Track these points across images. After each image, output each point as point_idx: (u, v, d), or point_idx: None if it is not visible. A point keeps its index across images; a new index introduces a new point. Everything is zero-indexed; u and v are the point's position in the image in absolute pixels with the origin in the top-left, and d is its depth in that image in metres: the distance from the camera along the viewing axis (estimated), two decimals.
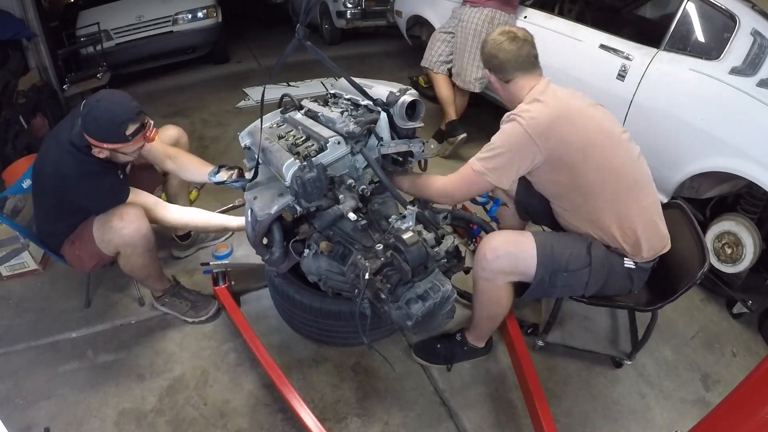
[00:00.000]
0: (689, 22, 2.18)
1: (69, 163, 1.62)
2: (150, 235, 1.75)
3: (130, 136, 1.57)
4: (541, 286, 1.48)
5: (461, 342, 1.79)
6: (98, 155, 1.62)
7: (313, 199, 1.41)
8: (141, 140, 1.63)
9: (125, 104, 1.58)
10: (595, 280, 1.48)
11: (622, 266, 1.50)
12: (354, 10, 5.70)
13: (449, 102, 3.23)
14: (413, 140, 1.62)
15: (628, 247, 1.47)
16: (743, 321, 2.05)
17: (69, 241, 1.82)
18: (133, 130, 1.58)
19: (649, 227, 1.47)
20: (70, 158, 1.62)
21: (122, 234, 1.68)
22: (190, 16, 5.14)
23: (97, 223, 1.72)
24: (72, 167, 1.62)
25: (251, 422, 1.64)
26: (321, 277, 1.58)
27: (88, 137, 1.57)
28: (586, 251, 1.47)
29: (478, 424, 1.63)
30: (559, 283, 1.47)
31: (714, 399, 1.72)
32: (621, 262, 1.50)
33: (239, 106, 4.32)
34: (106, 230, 1.69)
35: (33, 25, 4.05)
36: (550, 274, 1.46)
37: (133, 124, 1.57)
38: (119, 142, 1.58)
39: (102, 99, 1.57)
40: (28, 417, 1.66)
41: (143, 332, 1.99)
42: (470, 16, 2.96)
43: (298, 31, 1.33)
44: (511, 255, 1.47)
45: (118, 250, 1.74)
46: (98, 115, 1.55)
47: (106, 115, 1.55)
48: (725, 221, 2.00)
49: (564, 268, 1.46)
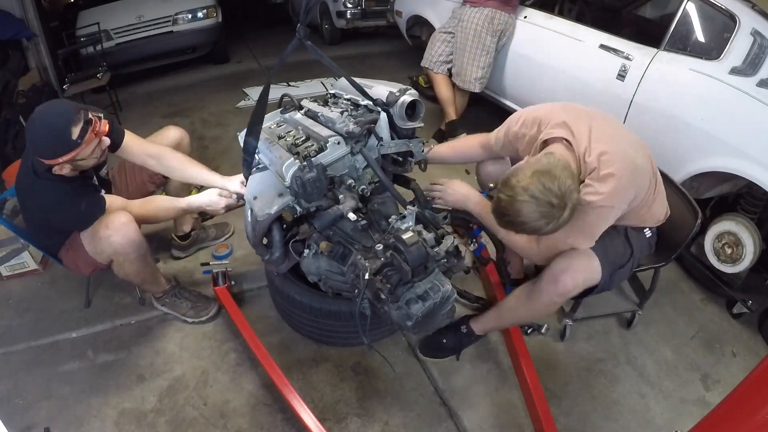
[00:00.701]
0: (689, 22, 2.18)
1: (41, 194, 1.60)
2: (140, 242, 1.72)
3: (78, 139, 1.48)
4: (602, 287, 1.56)
5: (467, 334, 1.82)
6: (61, 172, 1.54)
7: (313, 199, 1.41)
8: (92, 137, 1.52)
9: (60, 110, 1.51)
10: (637, 261, 1.64)
11: (645, 238, 1.65)
12: (354, 10, 5.70)
13: (449, 102, 3.23)
14: (413, 140, 1.62)
15: (652, 222, 1.63)
16: (743, 321, 2.04)
17: (65, 248, 1.82)
18: (78, 132, 1.48)
19: (661, 199, 1.62)
20: (40, 188, 1.59)
21: (111, 243, 1.66)
22: (190, 16, 5.14)
23: (86, 237, 1.71)
24: (45, 197, 1.60)
25: (251, 422, 1.64)
26: (321, 277, 1.58)
27: (42, 160, 1.51)
28: (626, 241, 1.61)
29: (478, 424, 1.63)
30: (616, 277, 1.58)
31: (714, 399, 1.72)
32: (644, 235, 1.65)
33: (239, 106, 4.31)
34: (97, 242, 1.68)
35: (33, 25, 4.05)
36: (610, 272, 1.54)
37: (75, 126, 1.48)
38: (71, 150, 1.49)
39: (36, 118, 1.50)
40: (28, 417, 1.66)
41: (143, 332, 1.99)
42: (470, 16, 2.96)
43: (299, 31, 1.33)
44: (587, 280, 1.51)
45: (111, 259, 1.74)
46: (39, 134, 1.49)
47: (46, 130, 1.49)
48: (725, 221, 2.00)
49: (620, 264, 1.58)
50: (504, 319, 1.74)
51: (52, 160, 1.51)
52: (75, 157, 1.52)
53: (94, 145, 1.57)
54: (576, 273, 1.49)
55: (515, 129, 1.63)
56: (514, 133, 1.64)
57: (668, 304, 2.12)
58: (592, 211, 1.38)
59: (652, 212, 1.60)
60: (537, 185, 1.25)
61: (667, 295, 2.16)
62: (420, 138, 1.65)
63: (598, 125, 1.44)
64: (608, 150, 1.37)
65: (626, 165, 1.37)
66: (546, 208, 1.26)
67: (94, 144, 1.56)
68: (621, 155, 1.38)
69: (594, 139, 1.40)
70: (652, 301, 2.10)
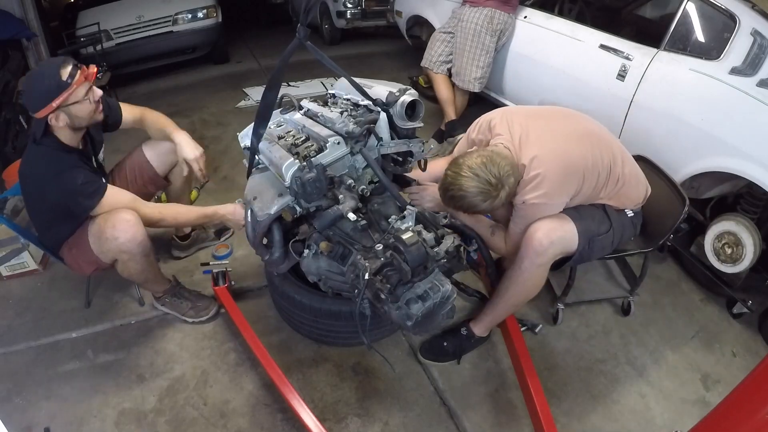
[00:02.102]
0: (689, 22, 2.18)
1: (39, 163, 1.62)
2: (146, 242, 1.72)
3: (68, 79, 1.51)
4: (581, 255, 1.63)
5: (468, 336, 1.82)
6: (58, 123, 1.57)
7: (312, 199, 1.41)
8: (82, 79, 1.55)
9: (48, 61, 1.64)
10: (618, 236, 1.68)
11: (627, 217, 1.71)
12: (354, 10, 5.70)
13: (449, 102, 3.23)
14: (413, 140, 1.62)
15: (628, 202, 1.70)
16: (743, 321, 2.04)
17: (67, 246, 1.82)
18: (68, 73, 1.52)
19: (635, 183, 1.69)
20: (39, 157, 1.62)
21: (117, 243, 1.66)
22: (190, 16, 5.13)
23: (92, 236, 1.70)
24: (43, 166, 1.60)
25: (251, 422, 1.64)
26: (321, 278, 1.58)
27: (38, 112, 1.53)
28: (604, 214, 1.66)
29: (478, 424, 1.63)
30: (595, 246, 1.64)
31: (714, 399, 1.72)
32: (625, 214, 1.71)
33: (239, 106, 4.32)
34: (102, 242, 1.67)
35: (33, 25, 4.04)
36: (588, 242, 1.61)
37: (63, 69, 1.52)
38: (62, 91, 1.51)
39: (29, 74, 1.61)
40: (28, 417, 1.66)
41: (143, 332, 1.99)
42: (470, 16, 2.96)
43: (299, 32, 1.33)
44: (561, 238, 1.57)
45: (116, 258, 1.73)
46: (31, 84, 1.57)
47: (36, 78, 1.56)
48: (725, 221, 2.00)
49: (597, 232, 1.63)
50: (498, 306, 1.74)
51: (47, 108, 1.52)
52: (67, 100, 1.53)
53: (85, 90, 1.58)
54: (549, 231, 1.56)
55: (473, 136, 1.77)
56: (471, 140, 1.78)
57: (668, 304, 2.12)
58: (530, 206, 1.56)
59: (625, 195, 1.67)
60: (480, 165, 1.45)
61: (667, 295, 2.17)
62: (420, 138, 1.65)
63: (539, 128, 1.60)
64: (538, 153, 1.52)
65: (556, 164, 1.52)
66: (485, 186, 1.45)
67: (84, 88, 1.57)
68: (552, 155, 1.53)
69: (530, 143, 1.55)
70: (652, 301, 2.11)
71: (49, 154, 1.61)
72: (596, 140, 1.62)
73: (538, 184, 1.52)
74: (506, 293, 1.70)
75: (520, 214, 1.60)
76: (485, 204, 1.49)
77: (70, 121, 1.59)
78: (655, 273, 2.25)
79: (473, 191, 1.46)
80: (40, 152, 1.62)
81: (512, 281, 1.66)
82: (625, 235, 1.72)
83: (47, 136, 1.61)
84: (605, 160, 1.59)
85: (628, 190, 1.67)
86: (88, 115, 1.64)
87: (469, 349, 1.84)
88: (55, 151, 1.62)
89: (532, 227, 1.58)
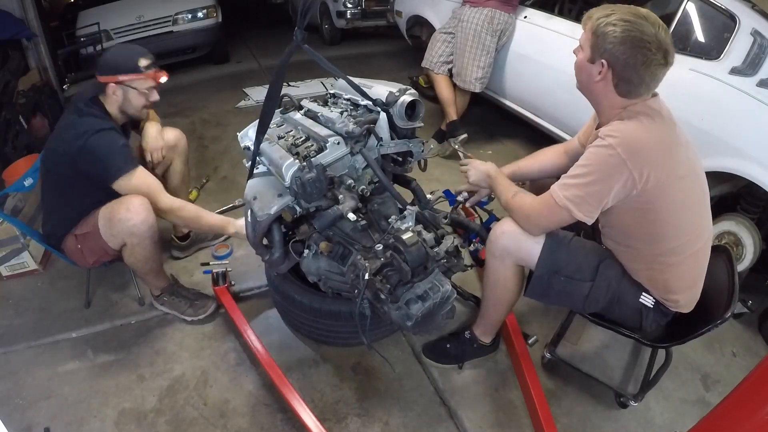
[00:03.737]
0: (689, 22, 2.18)
1: (83, 123, 1.69)
2: (155, 227, 1.77)
3: (144, 68, 1.70)
4: (540, 284, 1.45)
5: (470, 339, 1.79)
6: (112, 95, 1.71)
7: (312, 199, 1.41)
8: (151, 76, 1.72)
9: (140, 48, 1.77)
10: (595, 299, 1.42)
11: (636, 299, 1.40)
12: (354, 10, 5.70)
13: (450, 102, 3.23)
14: (413, 140, 1.62)
15: (654, 289, 1.39)
16: (743, 321, 2.04)
17: (72, 234, 1.83)
18: (145, 64, 1.71)
19: (688, 285, 1.38)
20: (83, 120, 1.70)
21: (129, 225, 1.70)
22: (190, 16, 5.14)
23: (103, 218, 1.73)
24: (87, 125, 1.68)
25: (251, 422, 1.64)
26: (321, 278, 1.58)
27: (103, 77, 1.68)
28: (595, 266, 1.41)
29: (478, 424, 1.63)
30: (555, 286, 1.43)
31: (714, 399, 1.72)
32: (636, 295, 1.40)
33: (239, 106, 4.32)
34: (114, 223, 1.70)
35: (33, 25, 4.05)
36: (548, 273, 1.42)
37: (144, 59, 1.71)
38: (132, 73, 1.69)
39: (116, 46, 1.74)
40: (28, 417, 1.66)
41: (143, 332, 1.99)
42: (470, 16, 2.96)
43: (296, 35, 1.33)
44: (514, 235, 1.45)
45: (125, 242, 1.75)
46: (113, 52, 1.75)
47: (123, 50, 1.75)
48: (725, 221, 2.00)
49: (562, 272, 1.41)
50: (484, 309, 1.71)
51: (113, 77, 1.69)
52: (131, 82, 1.70)
53: (148, 86, 1.76)
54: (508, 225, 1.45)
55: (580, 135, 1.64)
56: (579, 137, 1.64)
57: None
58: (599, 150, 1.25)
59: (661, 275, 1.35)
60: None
61: None
62: (420, 138, 1.65)
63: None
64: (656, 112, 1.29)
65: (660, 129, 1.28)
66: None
67: (149, 83, 1.75)
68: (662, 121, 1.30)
69: None
70: None
71: (97, 117, 1.71)
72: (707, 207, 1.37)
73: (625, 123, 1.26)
74: (484, 296, 1.69)
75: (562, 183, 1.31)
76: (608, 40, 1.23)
77: (122, 100, 1.73)
78: None
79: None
80: (85, 115, 1.70)
81: (485, 284, 1.64)
82: (616, 312, 1.45)
83: (94, 104, 1.74)
84: (706, 230, 1.34)
85: (669, 278, 1.35)
86: (138, 107, 1.78)
87: (470, 354, 1.80)
88: (103, 116, 1.72)
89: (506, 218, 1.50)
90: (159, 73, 1.78)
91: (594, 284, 1.40)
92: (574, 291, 1.43)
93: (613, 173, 1.22)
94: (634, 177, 1.21)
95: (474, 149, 3.35)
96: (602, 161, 1.23)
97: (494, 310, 1.68)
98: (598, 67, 1.28)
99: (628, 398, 1.61)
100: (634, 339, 1.48)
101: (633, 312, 1.43)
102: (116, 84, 1.69)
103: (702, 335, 1.36)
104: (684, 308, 1.41)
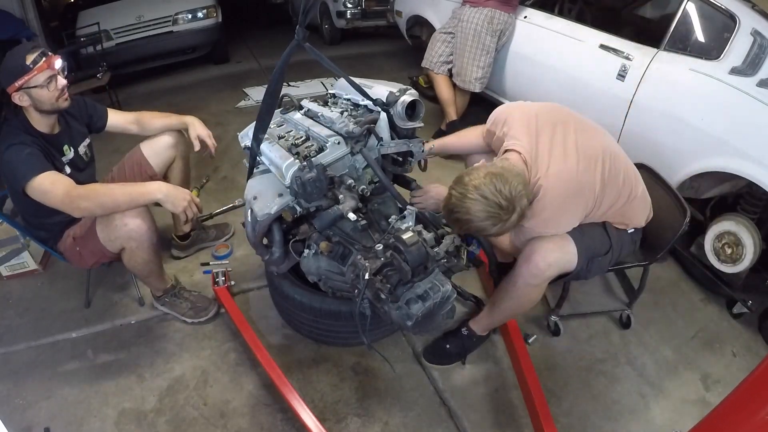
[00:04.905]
0: (689, 22, 2.18)
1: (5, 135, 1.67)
2: (154, 230, 1.76)
3: (31, 64, 1.63)
4: (579, 274, 1.60)
5: (469, 335, 1.81)
6: (20, 102, 1.66)
7: (313, 199, 1.41)
8: (44, 66, 1.65)
9: (23, 45, 1.71)
10: (617, 254, 1.65)
11: (627, 234, 1.67)
12: (354, 10, 5.70)
13: (450, 102, 3.23)
14: (413, 140, 1.62)
15: (630, 221, 1.65)
16: (743, 321, 2.04)
17: (69, 237, 1.82)
18: (32, 59, 1.63)
19: (643, 206, 1.66)
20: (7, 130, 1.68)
21: (127, 229, 1.69)
22: (190, 16, 5.13)
23: (100, 223, 1.72)
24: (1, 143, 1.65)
25: (251, 422, 1.64)
26: (321, 277, 1.58)
27: (8, 87, 1.64)
28: (605, 233, 1.62)
29: (478, 424, 1.63)
30: (594, 266, 1.61)
31: (714, 399, 1.72)
32: (625, 231, 1.67)
33: (239, 106, 4.32)
34: (112, 229, 1.69)
35: (33, 25, 4.05)
36: (587, 262, 1.58)
37: (30, 54, 1.64)
38: (24, 74, 1.62)
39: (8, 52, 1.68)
40: (28, 417, 1.67)
41: (143, 332, 1.99)
42: (470, 16, 2.96)
43: (297, 33, 1.33)
44: (559, 260, 1.53)
45: (123, 246, 1.74)
46: (5, 61, 1.67)
47: (9, 57, 1.67)
48: (725, 221, 2.00)
49: (597, 253, 1.60)
50: (494, 313, 1.74)
51: (11, 86, 1.63)
52: (28, 83, 1.63)
53: (46, 77, 1.66)
54: (547, 252, 1.51)
55: (488, 126, 1.71)
56: (488, 131, 1.73)
57: (668, 304, 2.12)
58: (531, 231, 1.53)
59: (630, 216, 1.63)
60: (489, 186, 1.29)
61: (667, 295, 2.16)
62: (420, 138, 1.65)
63: (556, 141, 1.48)
64: (551, 172, 1.44)
65: (565, 189, 1.45)
66: (494, 209, 1.30)
67: (45, 75, 1.65)
68: (564, 177, 1.44)
69: (545, 158, 1.46)
70: (652, 301, 2.11)
71: (9, 131, 1.68)
72: (614, 159, 1.53)
73: (541, 208, 1.44)
74: (501, 304, 1.69)
75: (524, 231, 1.54)
76: (495, 228, 1.34)
77: (32, 102, 1.68)
78: (655, 273, 2.24)
79: (481, 215, 1.31)
80: (6, 131, 1.68)
81: (507, 294, 1.64)
82: (623, 252, 1.69)
83: (18, 116, 1.71)
84: (619, 180, 1.53)
85: (634, 212, 1.64)
86: (49, 100, 1.71)
87: (472, 348, 1.83)
88: (17, 129, 1.69)
89: (531, 246, 1.54)
90: (50, 60, 1.68)
91: (612, 246, 1.62)
92: (605, 261, 1.64)
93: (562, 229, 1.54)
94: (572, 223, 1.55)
95: None
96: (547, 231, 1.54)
97: (504, 317, 1.74)
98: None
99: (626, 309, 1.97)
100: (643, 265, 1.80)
101: (630, 245, 1.70)
102: (17, 91, 1.64)
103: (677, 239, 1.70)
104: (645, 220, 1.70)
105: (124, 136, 2.09)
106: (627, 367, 1.84)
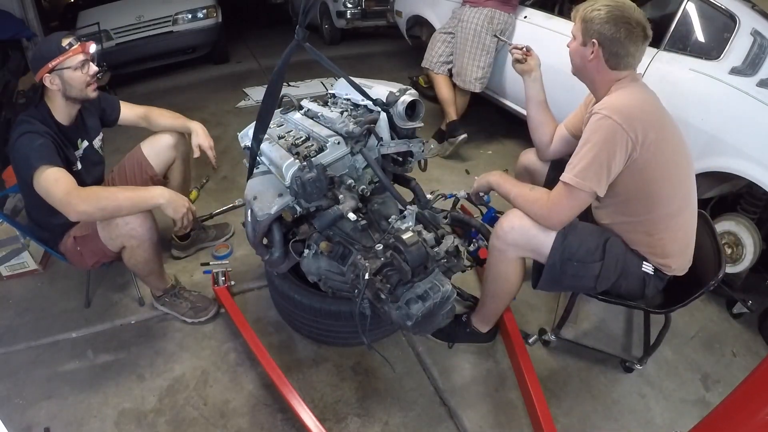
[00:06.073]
0: (689, 22, 2.18)
1: (16, 129, 1.66)
2: (155, 228, 1.76)
3: (66, 46, 1.65)
4: (553, 273, 1.49)
5: (465, 323, 1.83)
6: (51, 85, 1.67)
7: (313, 199, 1.41)
8: (78, 50, 1.67)
9: (56, 33, 1.72)
10: (606, 276, 1.48)
11: (639, 269, 1.49)
12: (354, 10, 5.70)
13: (450, 102, 3.23)
14: (413, 140, 1.62)
15: (653, 256, 1.48)
16: (743, 321, 2.04)
17: (70, 237, 1.82)
18: (68, 42, 1.66)
19: (682, 249, 1.49)
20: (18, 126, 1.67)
21: (128, 228, 1.69)
22: (190, 16, 5.14)
23: (101, 222, 1.71)
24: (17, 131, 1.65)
25: (251, 422, 1.64)
26: (321, 278, 1.58)
27: (37, 73, 1.65)
28: (602, 246, 1.47)
29: (478, 424, 1.63)
30: (569, 271, 1.47)
31: (714, 399, 1.72)
32: (639, 265, 1.49)
33: (239, 106, 4.32)
34: (113, 227, 1.69)
35: (33, 25, 4.05)
36: (561, 261, 1.46)
37: (65, 38, 1.67)
38: (57, 56, 1.64)
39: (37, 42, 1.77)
40: (28, 417, 1.66)
41: (143, 332, 1.99)
42: (470, 16, 2.96)
43: (298, 33, 1.33)
44: (525, 229, 1.49)
45: (124, 244, 1.74)
46: (36, 48, 1.73)
47: (42, 43, 1.72)
48: (725, 221, 2.00)
49: (575, 257, 1.46)
50: (483, 299, 1.76)
51: (44, 68, 1.64)
52: (63, 64, 1.64)
53: (80, 60, 1.68)
54: (515, 217, 1.51)
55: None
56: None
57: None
58: (592, 123, 1.36)
59: (659, 241, 1.45)
60: None
61: None
62: (420, 138, 1.65)
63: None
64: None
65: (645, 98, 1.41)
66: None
67: (80, 58, 1.68)
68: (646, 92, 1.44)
69: None
70: None
71: (25, 120, 1.68)
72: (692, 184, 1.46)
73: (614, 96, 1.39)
74: (484, 285, 1.73)
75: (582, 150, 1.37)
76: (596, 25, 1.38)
77: (62, 86, 1.68)
78: None
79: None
80: (23, 119, 1.68)
81: (486, 272, 1.67)
82: (623, 285, 1.51)
83: (41, 105, 1.72)
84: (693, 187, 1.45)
85: (669, 239, 1.45)
86: (80, 86, 1.71)
87: (462, 337, 1.84)
88: (33, 118, 1.69)
89: (511, 211, 1.54)
90: (85, 45, 1.72)
91: (604, 263, 1.46)
92: (587, 273, 1.48)
93: (613, 140, 1.31)
94: (631, 139, 1.30)
95: (474, 149, 3.35)
96: (601, 132, 1.32)
97: (493, 303, 1.73)
98: (590, 47, 1.43)
99: (633, 362, 1.73)
100: (641, 309, 1.56)
101: (637, 282, 1.51)
102: (50, 73, 1.65)
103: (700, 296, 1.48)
104: (678, 271, 1.51)
105: (124, 136, 2.10)
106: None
